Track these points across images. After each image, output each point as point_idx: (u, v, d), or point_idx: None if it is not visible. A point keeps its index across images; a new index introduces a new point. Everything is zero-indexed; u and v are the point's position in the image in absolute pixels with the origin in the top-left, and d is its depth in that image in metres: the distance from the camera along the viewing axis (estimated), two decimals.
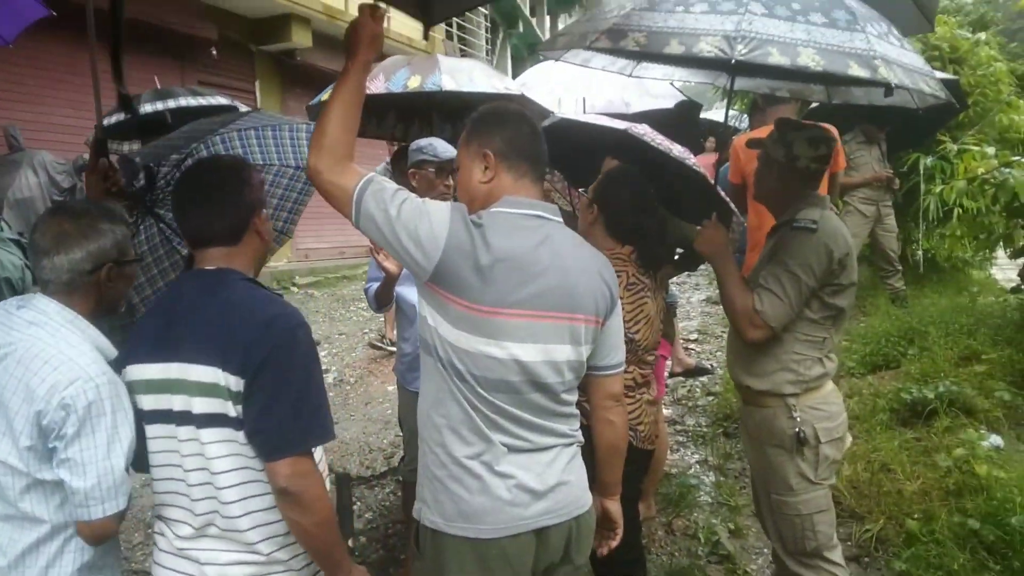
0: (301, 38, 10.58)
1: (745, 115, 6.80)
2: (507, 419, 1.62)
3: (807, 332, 2.32)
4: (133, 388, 1.56)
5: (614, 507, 1.95)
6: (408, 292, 2.99)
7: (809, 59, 1.83)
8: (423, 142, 3.03)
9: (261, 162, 2.74)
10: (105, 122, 5.52)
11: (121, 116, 5.43)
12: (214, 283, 1.56)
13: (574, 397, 1.75)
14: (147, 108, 5.23)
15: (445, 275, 1.57)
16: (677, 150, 2.85)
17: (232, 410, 1.46)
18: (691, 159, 2.87)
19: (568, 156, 3.00)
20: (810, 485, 2.32)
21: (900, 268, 6.17)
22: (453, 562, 1.63)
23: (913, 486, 3.32)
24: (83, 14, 1.89)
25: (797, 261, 2.23)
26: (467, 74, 3.60)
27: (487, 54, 18.57)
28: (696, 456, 4.34)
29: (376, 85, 3.36)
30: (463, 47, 15.64)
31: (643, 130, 3.09)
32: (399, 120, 4.07)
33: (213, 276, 1.58)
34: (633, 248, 2.36)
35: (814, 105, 5.46)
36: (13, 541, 1.54)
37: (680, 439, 4.57)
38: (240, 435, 1.48)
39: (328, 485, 1.66)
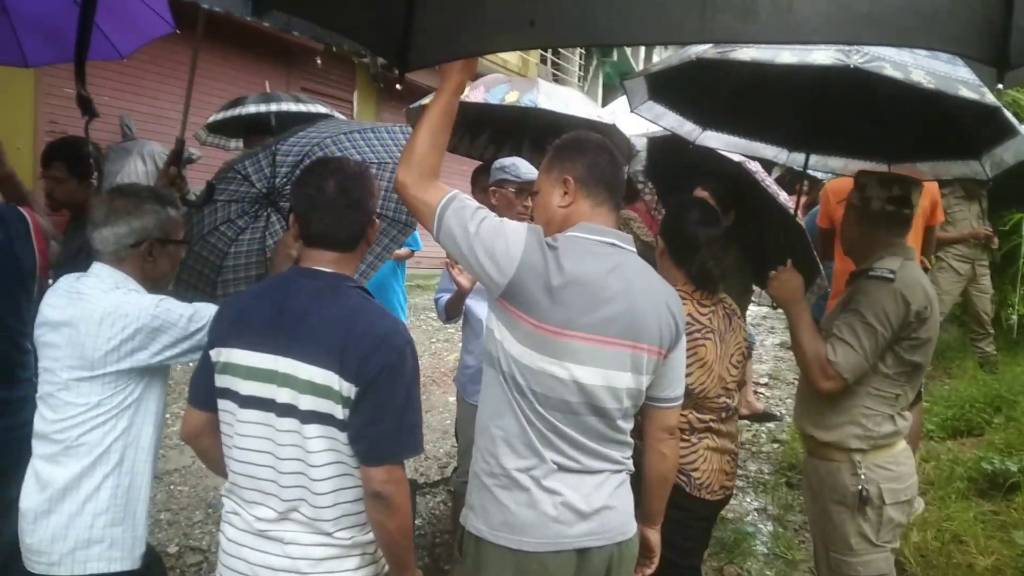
0: None
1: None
2: (561, 438, 1.64)
3: (879, 387, 2.23)
4: (233, 371, 1.61)
5: (655, 536, 1.96)
6: (477, 306, 3.05)
7: (921, 77, 1.94)
8: (506, 161, 3.09)
9: (374, 160, 2.85)
10: (212, 119, 5.91)
11: (228, 114, 5.80)
12: (330, 289, 1.62)
13: (629, 425, 1.75)
14: (251, 109, 5.55)
15: (516, 292, 1.61)
16: (783, 197, 2.82)
17: (340, 412, 1.53)
18: (780, 193, 2.83)
19: (668, 173, 3.01)
20: (871, 547, 2.22)
21: (992, 332, 5.85)
22: (493, 570, 1.66)
23: (986, 561, 3.13)
24: (195, 18, 2.04)
25: (872, 311, 2.16)
26: (563, 99, 3.65)
27: (579, 80, 18.72)
28: (755, 503, 4.21)
29: (476, 95, 3.44)
30: (556, 72, 15.82)
31: (755, 167, 3.06)
32: (491, 141, 4.14)
33: (328, 280, 1.63)
34: (689, 269, 2.29)
35: None
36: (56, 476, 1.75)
37: (740, 484, 4.44)
38: (341, 435, 1.55)
39: None
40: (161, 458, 4.34)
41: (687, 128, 2.94)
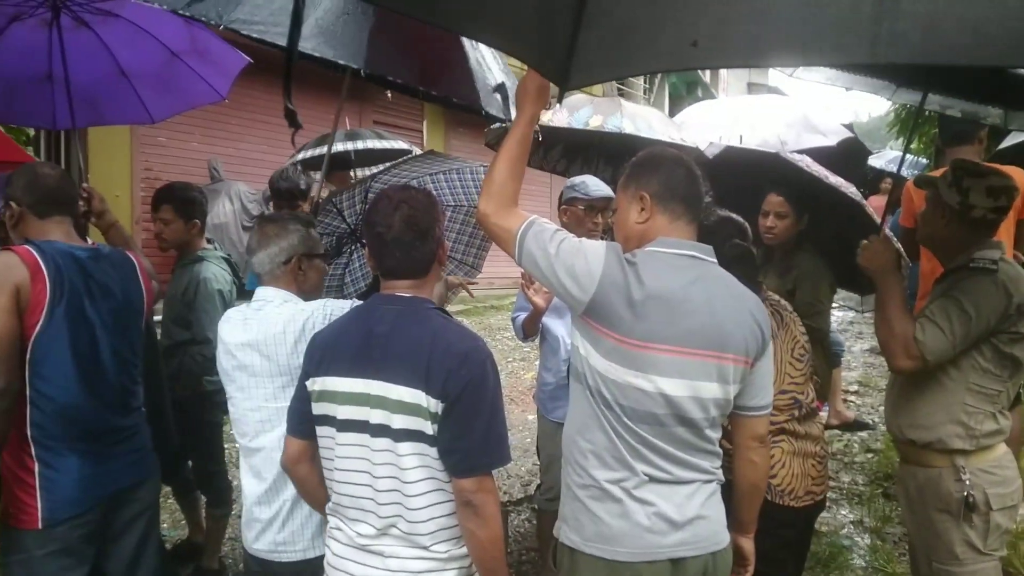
0: None
1: (920, 159, 6.36)
2: (650, 450, 1.67)
3: (980, 383, 2.15)
4: (330, 397, 1.70)
5: (748, 545, 1.95)
6: (554, 324, 3.09)
7: None
8: (576, 180, 3.13)
9: (450, 202, 3.00)
10: (302, 156, 6.27)
11: (317, 152, 6.17)
12: (411, 312, 1.70)
13: (717, 434, 1.76)
14: (338, 147, 5.90)
15: (599, 309, 1.65)
16: (834, 179, 2.76)
17: (429, 428, 1.61)
18: (848, 187, 2.76)
19: (733, 191, 2.99)
20: (978, 556, 2.13)
21: None
22: None
23: None
24: (277, 63, 2.23)
25: (970, 299, 2.08)
26: (646, 120, 3.67)
27: (644, 92, 18.61)
28: (851, 516, 4.06)
29: (559, 118, 3.52)
30: (621, 85, 15.79)
31: (797, 156, 3.02)
32: (563, 155, 4.20)
33: (409, 305, 1.72)
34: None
35: (1002, 146, 5.03)
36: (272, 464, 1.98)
37: (833, 496, 4.29)
38: (432, 450, 1.63)
39: None
40: None
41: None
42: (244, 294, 3.41)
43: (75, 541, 2.11)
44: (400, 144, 6.52)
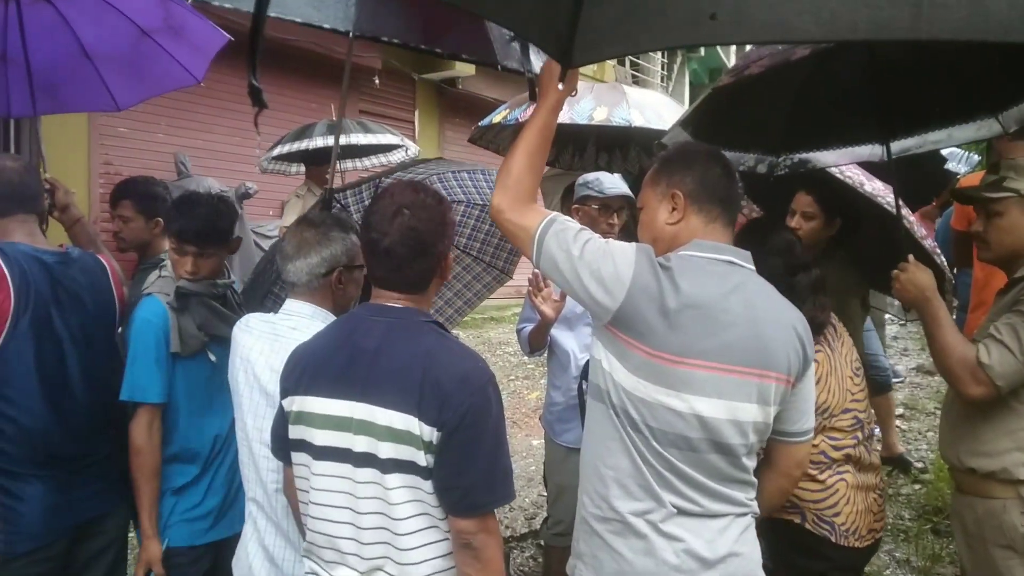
0: (464, 67, 11.21)
1: (969, 154, 6.31)
2: (680, 479, 1.64)
3: None
4: (306, 420, 1.65)
5: None
6: (564, 337, 3.07)
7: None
8: (590, 177, 3.12)
9: (461, 198, 2.98)
10: (277, 151, 6.26)
11: (295, 147, 6.15)
12: (403, 326, 1.64)
13: (754, 463, 1.74)
14: (319, 143, 5.87)
15: (628, 318, 1.62)
16: (870, 186, 2.73)
17: (422, 459, 1.55)
18: (886, 196, 2.74)
19: (763, 187, 2.99)
20: None
21: None
22: None
23: None
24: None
25: None
26: (655, 109, 3.65)
27: (662, 80, 18.67)
28: (896, 554, 4.03)
29: (561, 116, 3.53)
30: (636, 72, 15.85)
31: (850, 171, 3.00)
32: (551, 144, 4.23)
33: (400, 317, 1.66)
34: None
35: None
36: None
37: None
38: (426, 483, 1.57)
39: None
40: None
41: (765, 164, 2.94)
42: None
43: (39, 572, 2.11)
44: (389, 138, 6.49)
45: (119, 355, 2.40)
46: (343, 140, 6.08)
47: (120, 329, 2.45)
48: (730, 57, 20.38)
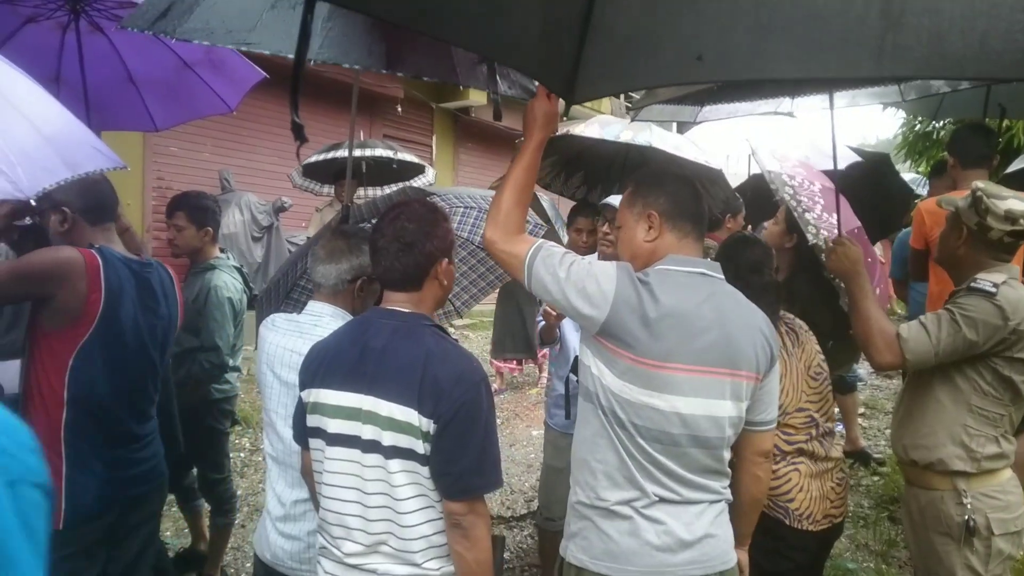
0: (477, 96, 11.29)
1: (926, 179, 6.35)
2: (661, 471, 1.67)
3: (980, 405, 2.16)
4: (322, 410, 1.69)
5: (743, 557, 1.96)
6: (570, 334, 3.13)
7: None
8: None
9: (459, 205, 3.05)
10: (308, 160, 6.29)
11: (325, 156, 6.19)
12: (407, 328, 1.68)
13: (728, 455, 1.77)
14: (343, 153, 5.94)
15: (613, 329, 1.65)
16: (817, 211, 2.78)
17: (421, 447, 1.60)
18: (824, 223, 2.79)
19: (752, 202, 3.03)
20: None
21: None
22: None
23: None
24: (288, 76, 2.23)
25: (963, 312, 2.10)
26: (673, 143, 3.73)
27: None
28: (857, 539, 4.04)
29: (592, 131, 3.58)
30: (629, 103, 15.90)
31: (788, 178, 3.05)
32: (584, 182, 4.25)
33: (405, 320, 1.70)
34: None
35: (1010, 169, 5.04)
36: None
37: None
38: (424, 469, 1.61)
39: None
40: (260, 492, 4.58)
41: (685, 112, 2.94)
42: (252, 304, 3.45)
43: (90, 543, 2.14)
44: (410, 157, 6.57)
45: (171, 351, 2.48)
46: (370, 152, 6.14)
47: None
48: None
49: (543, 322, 3.16)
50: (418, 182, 6.66)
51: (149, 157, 7.68)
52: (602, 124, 3.71)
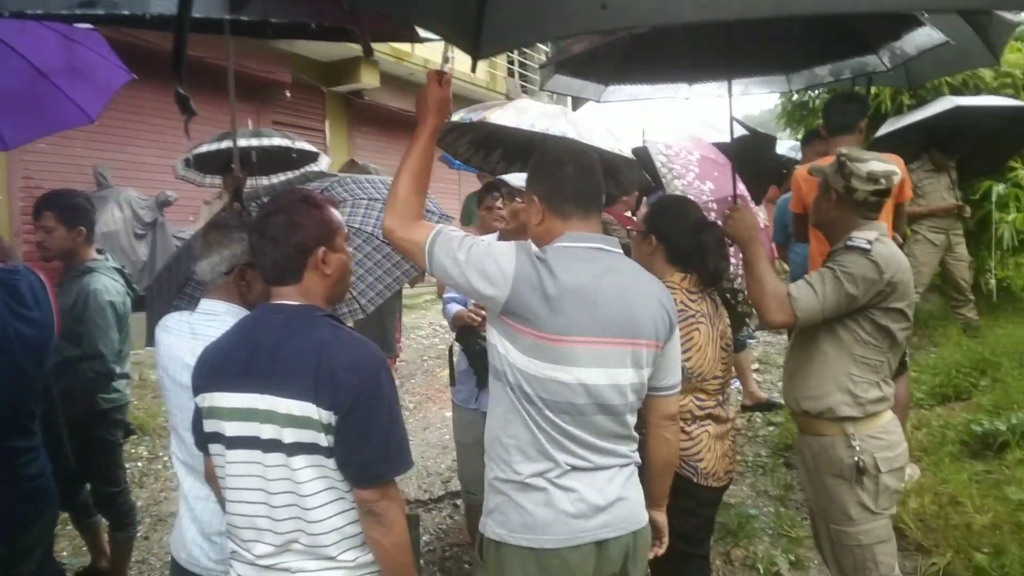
0: (369, 79, 11.01)
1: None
2: (571, 440, 1.70)
3: (862, 354, 2.30)
4: (217, 414, 1.63)
5: (662, 518, 2.03)
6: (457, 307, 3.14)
7: None
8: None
9: (363, 196, 2.95)
10: (198, 150, 5.96)
11: (215, 146, 5.86)
12: (298, 320, 1.62)
13: (634, 419, 1.81)
14: (253, 143, 5.66)
15: (515, 307, 1.67)
16: (689, 178, 2.89)
17: (324, 440, 1.54)
18: (693, 190, 2.90)
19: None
20: (871, 515, 2.28)
21: (972, 298, 5.96)
22: (515, 572, 1.71)
23: (983, 519, 3.19)
24: (166, 63, 2.06)
25: (844, 270, 2.23)
26: (587, 129, 3.74)
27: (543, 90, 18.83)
28: (757, 486, 4.26)
29: (508, 118, 3.55)
30: (524, 83, 15.95)
31: (664, 146, 3.15)
32: (503, 158, 4.22)
33: (296, 313, 1.64)
34: (687, 274, 2.37)
35: (878, 134, 5.39)
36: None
37: (739, 469, 4.49)
38: (329, 461, 1.56)
39: None
40: (161, 501, 4.36)
41: (590, 89, 3.01)
42: (139, 305, 3.24)
43: None
44: (307, 146, 6.32)
45: (52, 360, 2.32)
46: (267, 141, 5.88)
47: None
48: None
49: (454, 305, 3.16)
50: (312, 169, 6.43)
51: (14, 155, 7.03)
52: (518, 111, 3.69)
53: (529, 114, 3.65)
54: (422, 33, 2.17)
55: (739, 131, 5.50)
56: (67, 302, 2.95)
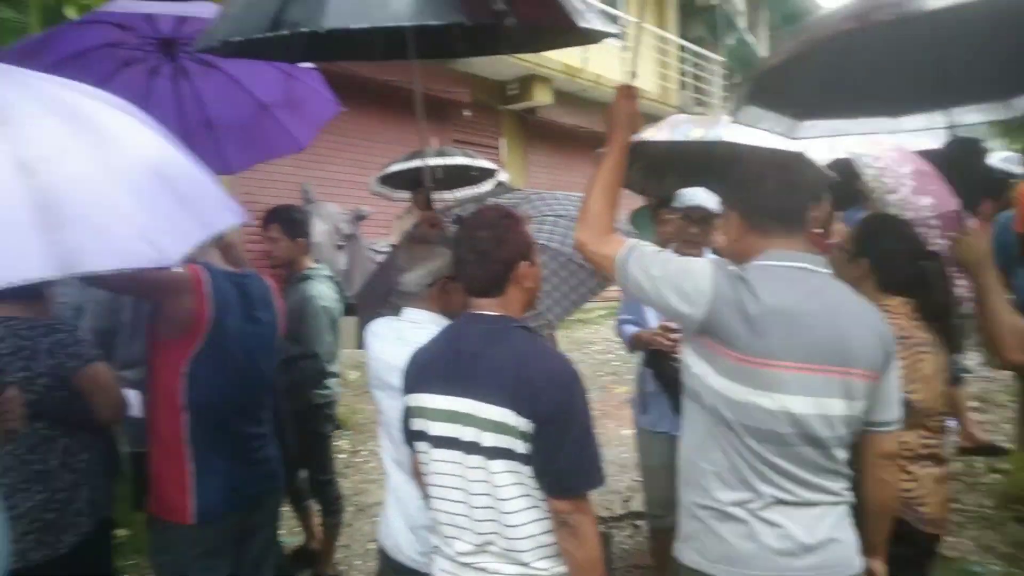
0: (543, 96, 11.24)
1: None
2: (775, 471, 1.59)
3: None
4: (423, 414, 1.72)
5: (879, 566, 1.83)
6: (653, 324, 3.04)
7: None
8: (685, 190, 3.10)
9: (549, 213, 3.00)
10: (389, 169, 6.38)
11: (405, 165, 6.28)
12: (496, 331, 1.69)
13: (845, 455, 1.66)
14: (436, 162, 6.03)
15: (714, 327, 1.60)
16: (903, 192, 2.61)
17: (520, 447, 1.57)
18: (910, 206, 2.61)
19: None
20: None
21: None
22: None
23: None
24: (365, 88, 2.15)
25: None
26: (744, 132, 3.59)
27: (723, 100, 18.22)
28: (979, 540, 3.77)
29: (662, 134, 3.49)
30: (698, 95, 15.54)
31: (872, 159, 2.85)
32: (677, 183, 4.17)
33: (494, 323, 1.71)
34: (907, 300, 2.14)
35: None
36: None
37: (958, 519, 4.00)
38: (526, 468, 1.59)
39: None
40: (362, 492, 4.65)
41: (783, 124, 2.72)
42: (350, 311, 3.49)
43: (219, 542, 2.22)
44: (487, 164, 6.58)
45: (279, 356, 2.57)
46: (449, 160, 6.20)
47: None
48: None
49: (630, 326, 3.12)
50: (487, 187, 6.66)
51: (236, 175, 7.90)
52: (671, 125, 3.61)
53: (682, 127, 3.54)
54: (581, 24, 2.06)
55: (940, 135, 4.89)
56: (288, 305, 3.24)
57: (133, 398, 2.40)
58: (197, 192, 1.54)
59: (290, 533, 3.97)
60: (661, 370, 2.96)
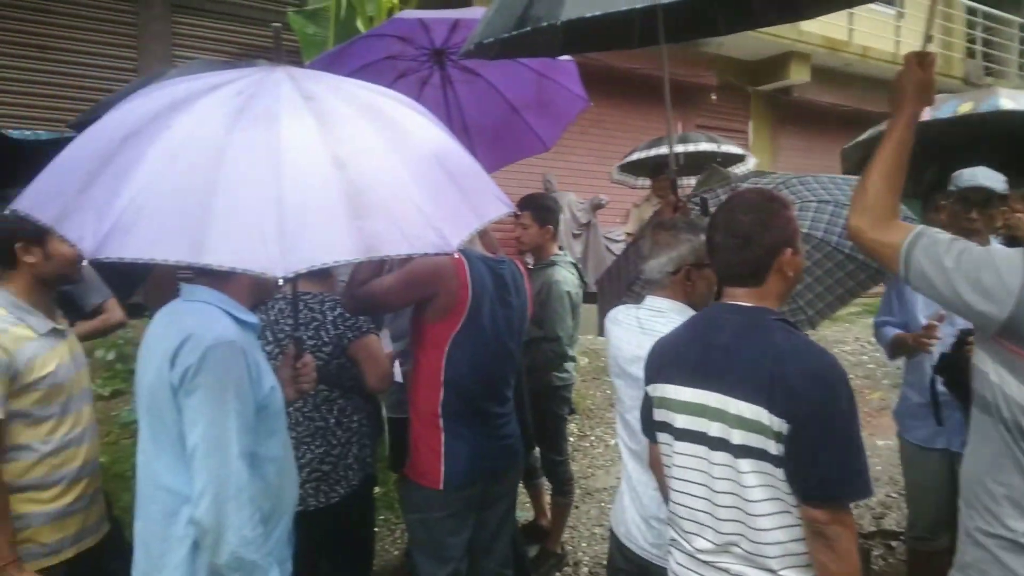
0: (799, 74, 10.49)
1: None
2: None
3: None
4: (668, 405, 1.68)
5: None
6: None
7: None
8: (964, 171, 2.74)
9: (812, 199, 2.85)
10: (631, 158, 6.39)
11: (644, 154, 6.29)
12: (753, 323, 1.60)
13: None
14: (678, 149, 5.99)
15: (1019, 328, 1.40)
16: None
17: (773, 448, 1.49)
18: None
19: None
20: None
21: None
22: None
23: None
24: (608, 78, 2.14)
25: None
26: None
27: (1021, 68, 15.53)
28: None
29: (923, 116, 3.15)
30: (989, 63, 13.41)
31: None
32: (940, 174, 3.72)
33: (750, 315, 1.61)
34: None
35: None
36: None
37: None
38: (778, 471, 1.50)
39: None
40: (590, 476, 4.78)
41: None
42: (589, 298, 3.60)
43: (462, 508, 2.41)
44: (734, 149, 6.33)
45: (523, 340, 2.69)
46: (692, 147, 6.08)
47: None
48: None
49: (890, 328, 2.85)
50: (738, 171, 6.39)
51: None
52: (932, 108, 3.17)
53: (948, 104, 3.07)
54: None
55: None
56: (534, 289, 3.43)
57: (396, 368, 2.69)
58: (474, 184, 1.67)
59: (520, 508, 4.20)
60: (960, 380, 2.64)
